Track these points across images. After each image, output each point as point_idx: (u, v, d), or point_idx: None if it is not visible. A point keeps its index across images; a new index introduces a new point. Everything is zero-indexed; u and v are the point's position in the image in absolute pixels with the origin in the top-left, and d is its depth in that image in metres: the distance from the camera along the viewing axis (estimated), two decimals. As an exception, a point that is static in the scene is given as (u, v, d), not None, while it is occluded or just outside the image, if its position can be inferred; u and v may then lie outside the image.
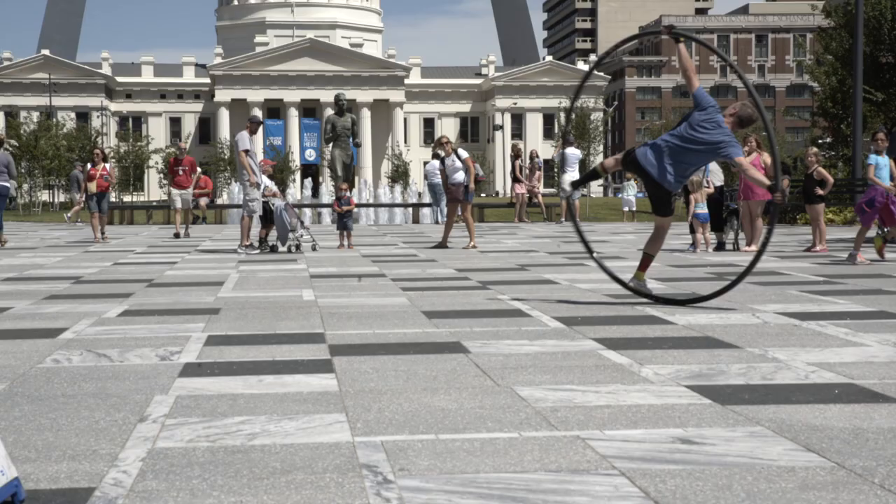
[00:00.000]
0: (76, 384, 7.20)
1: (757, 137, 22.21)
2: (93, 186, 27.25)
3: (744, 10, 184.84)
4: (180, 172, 29.51)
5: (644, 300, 11.93)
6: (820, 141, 52.62)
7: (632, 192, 45.92)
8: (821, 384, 6.99)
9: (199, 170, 31.17)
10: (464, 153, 23.24)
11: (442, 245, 23.02)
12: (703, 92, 11.60)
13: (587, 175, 12.62)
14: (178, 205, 29.66)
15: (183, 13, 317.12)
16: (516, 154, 40.99)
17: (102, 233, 27.38)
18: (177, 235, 29.06)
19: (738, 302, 11.82)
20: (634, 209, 44.91)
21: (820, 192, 21.41)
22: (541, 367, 7.67)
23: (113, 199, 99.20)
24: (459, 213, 23.37)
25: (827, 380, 7.14)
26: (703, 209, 21.33)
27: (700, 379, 7.18)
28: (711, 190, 22.13)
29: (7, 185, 26.11)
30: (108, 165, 27.83)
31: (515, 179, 39.67)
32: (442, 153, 23.29)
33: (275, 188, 22.92)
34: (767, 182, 11.73)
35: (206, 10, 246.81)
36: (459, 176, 22.88)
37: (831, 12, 46.58)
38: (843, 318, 10.32)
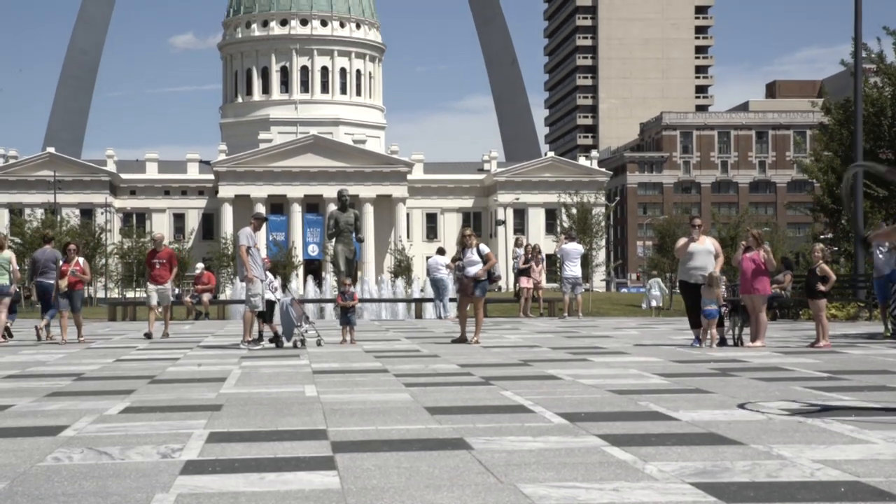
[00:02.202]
0: (77, 482, 7.15)
1: (757, 233, 22.21)
2: (63, 283, 25.31)
3: (744, 108, 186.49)
4: (157, 266, 26.90)
5: (645, 395, 11.87)
6: (822, 236, 52.75)
7: (657, 290, 46.29)
8: (827, 482, 6.93)
9: (176, 264, 27.74)
10: (485, 248, 23.31)
11: (461, 340, 22.87)
12: None
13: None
14: (154, 301, 26.63)
15: (188, 111, 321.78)
16: (520, 245, 41.02)
17: (79, 335, 25.48)
18: (148, 336, 25.89)
19: (742, 398, 11.77)
20: (661, 305, 45.27)
21: (823, 287, 21.40)
22: (544, 464, 7.61)
23: (115, 296, 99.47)
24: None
25: (833, 477, 7.08)
26: (712, 306, 21.27)
27: (704, 476, 7.12)
28: (723, 294, 22.06)
29: (51, 281, 26.38)
30: (81, 260, 25.85)
31: (522, 273, 39.58)
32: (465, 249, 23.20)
33: (273, 290, 22.89)
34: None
35: (211, 107, 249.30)
36: (473, 270, 22.85)
37: (831, 109, 46.94)
38: (849, 415, 10.26)
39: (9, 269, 25.65)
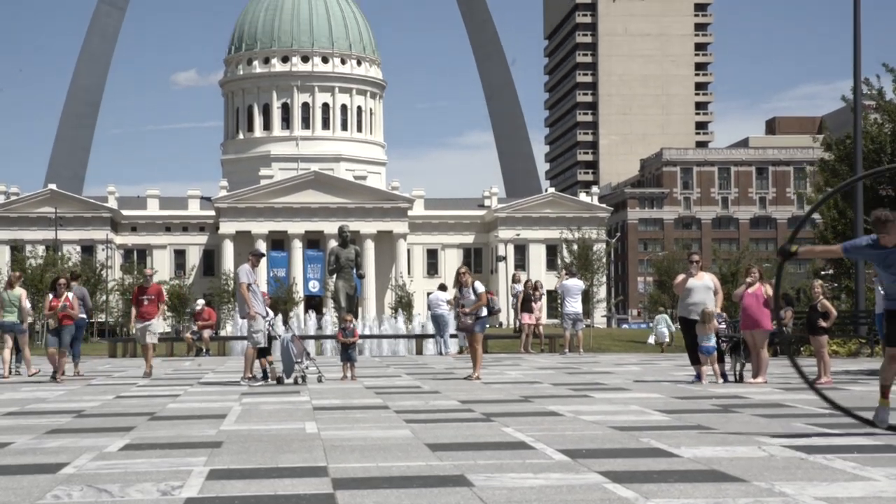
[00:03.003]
0: (76, 520, 7.12)
1: (760, 269, 22.23)
2: (52, 321, 24.69)
3: (744, 144, 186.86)
4: (145, 302, 25.75)
5: (647, 431, 11.83)
6: (823, 272, 52.74)
7: (664, 326, 46.33)
8: (829, 519, 6.90)
9: (164, 300, 26.36)
10: (480, 287, 23.36)
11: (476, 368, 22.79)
12: (848, 244, 12.58)
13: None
14: (147, 339, 25.70)
15: (189, 147, 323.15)
16: (517, 281, 40.92)
17: (77, 372, 25.67)
18: (148, 374, 25.27)
19: (744, 435, 11.73)
20: (668, 341, 45.27)
21: (823, 324, 21.37)
22: (546, 501, 7.58)
23: (115, 333, 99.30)
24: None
25: (835, 514, 7.05)
26: (709, 342, 21.23)
27: (707, 513, 7.09)
28: (723, 326, 22.05)
29: (83, 317, 26.51)
30: (71, 295, 25.03)
31: (524, 308, 39.45)
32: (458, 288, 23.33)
33: (274, 326, 22.91)
34: (834, 248, 12.56)
35: (213, 144, 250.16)
36: (468, 311, 22.94)
37: (831, 145, 47.06)
38: (851, 452, 10.22)
39: (18, 306, 25.66)
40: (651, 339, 47.21)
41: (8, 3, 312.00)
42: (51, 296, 25.11)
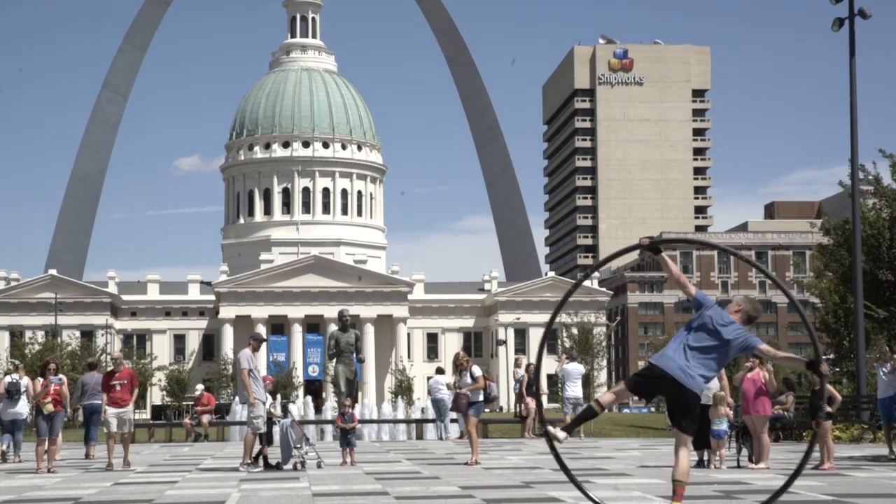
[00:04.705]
0: None
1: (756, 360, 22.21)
2: (49, 406, 23.55)
3: (743, 228, 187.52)
4: (117, 388, 23.91)
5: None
6: (824, 357, 52.68)
7: None
8: None
9: (137, 384, 24.43)
10: (477, 371, 23.43)
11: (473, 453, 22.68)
12: (702, 293, 11.70)
13: (578, 418, 11.97)
14: (114, 427, 23.85)
15: (190, 232, 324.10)
16: (519, 365, 40.86)
17: (51, 460, 24.07)
18: (109, 467, 23.33)
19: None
20: None
21: (828, 409, 21.31)
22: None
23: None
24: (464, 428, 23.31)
25: None
26: (720, 425, 21.14)
27: None
28: (730, 413, 21.96)
29: (98, 402, 26.34)
30: (58, 379, 24.19)
31: (528, 392, 39.33)
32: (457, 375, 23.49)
33: (274, 409, 22.85)
34: (799, 358, 11.75)
35: (213, 228, 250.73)
36: (467, 392, 23.07)
37: (830, 230, 47.22)
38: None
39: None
40: (668, 427, 46.16)
41: (11, 87, 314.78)
42: (39, 380, 24.44)
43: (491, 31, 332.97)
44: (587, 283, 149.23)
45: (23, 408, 25.98)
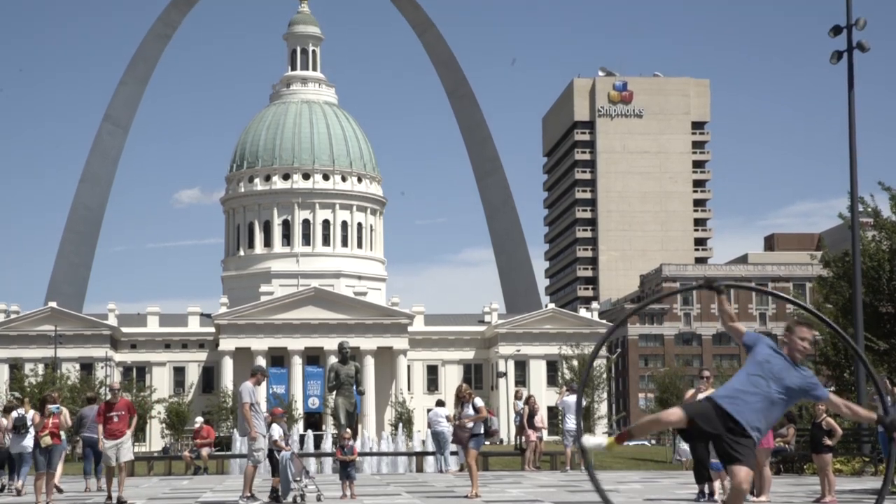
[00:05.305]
0: None
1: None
2: (47, 439, 23.34)
3: (743, 260, 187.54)
4: (115, 419, 23.34)
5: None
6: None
7: (685, 443, 45.44)
8: None
9: (135, 414, 23.89)
10: (479, 402, 23.43)
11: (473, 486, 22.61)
12: (752, 334, 11.17)
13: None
14: (113, 462, 23.41)
15: (190, 264, 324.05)
16: (519, 398, 40.75)
17: (58, 489, 25.00)
18: (109, 499, 23.51)
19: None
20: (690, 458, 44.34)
21: (829, 442, 21.28)
22: None
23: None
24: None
25: None
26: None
27: None
28: None
29: (95, 435, 25.52)
30: (56, 408, 24.14)
31: (530, 424, 39.18)
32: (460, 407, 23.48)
33: (282, 441, 22.79)
34: (868, 414, 11.41)
35: (213, 260, 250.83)
36: (470, 424, 23.04)
37: (830, 262, 47.27)
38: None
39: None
40: (682, 457, 45.27)
41: (11, 120, 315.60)
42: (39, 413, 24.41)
43: (491, 64, 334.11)
44: (587, 314, 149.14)
45: (30, 442, 25.85)
